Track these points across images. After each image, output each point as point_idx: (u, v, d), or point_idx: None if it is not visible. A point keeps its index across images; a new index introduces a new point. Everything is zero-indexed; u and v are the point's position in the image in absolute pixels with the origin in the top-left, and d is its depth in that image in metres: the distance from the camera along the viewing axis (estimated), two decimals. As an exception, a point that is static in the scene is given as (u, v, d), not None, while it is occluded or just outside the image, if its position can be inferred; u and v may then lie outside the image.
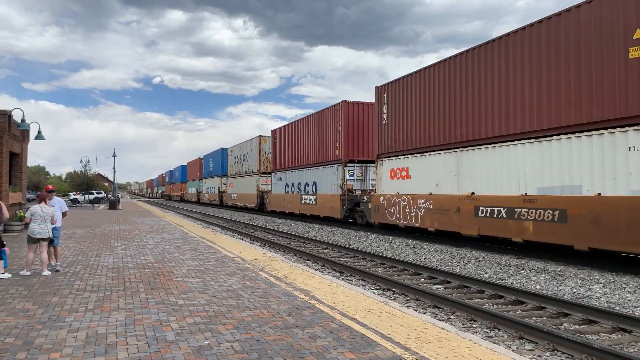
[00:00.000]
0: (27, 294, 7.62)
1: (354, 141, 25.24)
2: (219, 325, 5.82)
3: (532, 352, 6.12)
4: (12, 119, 19.67)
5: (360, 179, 25.07)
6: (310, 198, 28.71)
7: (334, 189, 25.59)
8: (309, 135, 29.65)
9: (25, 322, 5.98)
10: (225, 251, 12.70)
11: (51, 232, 9.60)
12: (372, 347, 5.04)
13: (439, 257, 14.08)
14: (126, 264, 10.52)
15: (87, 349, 4.94)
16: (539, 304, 8.31)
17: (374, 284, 10.48)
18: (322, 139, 27.63)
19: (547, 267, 12.07)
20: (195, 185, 68.48)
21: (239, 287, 8.10)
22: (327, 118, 27.11)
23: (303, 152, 30.46)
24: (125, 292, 7.67)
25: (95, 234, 17.57)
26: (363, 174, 25.30)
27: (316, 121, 28.81)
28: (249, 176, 42.00)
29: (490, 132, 15.06)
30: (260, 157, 39.61)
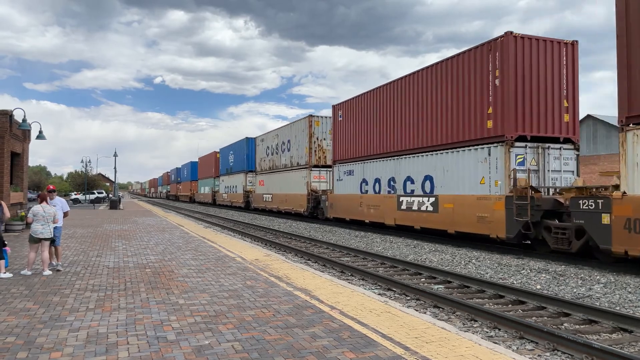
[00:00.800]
0: (28, 293, 7.63)
1: (523, 103, 14.90)
2: (219, 325, 5.83)
3: (532, 352, 6.12)
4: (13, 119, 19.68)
5: (535, 168, 14.98)
6: (420, 202, 18.24)
7: (482, 186, 15.53)
8: (418, 103, 19.00)
9: (27, 321, 5.99)
10: (226, 251, 12.71)
11: (52, 232, 9.61)
12: (372, 347, 5.04)
13: (439, 257, 14.08)
14: (127, 264, 10.54)
15: (88, 349, 4.96)
16: (540, 303, 8.31)
17: (374, 283, 10.48)
18: (451, 103, 17.17)
19: (548, 267, 12.07)
20: (210, 184, 59.16)
21: (240, 286, 8.11)
22: (464, 67, 16.59)
23: (404, 131, 19.90)
24: (126, 292, 7.68)
25: (97, 234, 17.59)
26: (539, 159, 15.15)
27: (434, 77, 18.12)
28: (292, 171, 32.36)
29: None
30: (310, 144, 29.91)
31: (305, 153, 30.42)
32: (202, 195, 63.96)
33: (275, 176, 36.01)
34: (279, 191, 34.68)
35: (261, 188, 39.35)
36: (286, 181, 33.29)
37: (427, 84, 18.60)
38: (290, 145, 33.08)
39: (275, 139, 36.59)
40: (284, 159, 34.31)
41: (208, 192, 59.90)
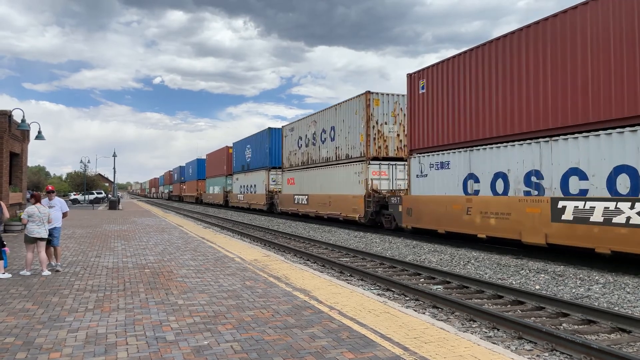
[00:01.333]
0: (27, 294, 7.63)
1: None
2: (218, 325, 5.83)
3: (531, 352, 6.13)
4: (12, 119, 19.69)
5: None
6: (611, 210, 11.21)
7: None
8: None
9: (26, 322, 5.99)
10: (225, 251, 12.71)
11: (48, 232, 9.61)
12: (371, 347, 5.05)
13: (438, 257, 14.09)
14: (126, 264, 10.54)
15: (87, 349, 4.96)
16: (539, 304, 8.32)
17: (373, 284, 10.49)
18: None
19: (547, 268, 12.08)
20: (220, 183, 52.79)
21: (239, 287, 8.12)
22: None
23: (564, 96, 12.56)
24: (125, 292, 7.68)
25: (96, 234, 17.59)
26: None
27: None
28: (339, 166, 25.36)
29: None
30: (368, 130, 22.80)
31: (360, 142, 23.34)
32: (211, 195, 57.56)
33: (311, 173, 28.86)
34: (318, 191, 27.55)
35: (291, 188, 32.28)
36: (330, 179, 26.33)
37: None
38: (335, 133, 25.99)
39: (311, 126, 29.21)
40: (326, 151, 27.33)
41: (218, 192, 53.23)
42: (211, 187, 57.79)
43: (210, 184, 58.47)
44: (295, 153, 32.07)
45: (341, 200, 24.64)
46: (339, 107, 25.73)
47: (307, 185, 29.59)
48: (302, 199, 29.85)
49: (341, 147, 25.54)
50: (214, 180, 56.84)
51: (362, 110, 23.15)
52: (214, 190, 55.93)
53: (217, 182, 54.52)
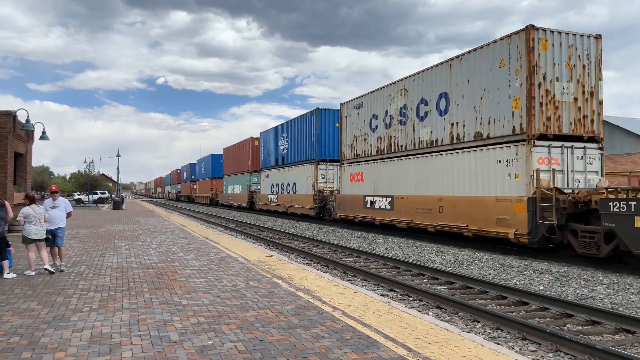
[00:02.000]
0: (31, 293, 7.66)
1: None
2: (222, 325, 5.84)
3: (535, 353, 6.12)
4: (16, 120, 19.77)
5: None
6: None
7: None
8: None
9: (30, 321, 6.02)
10: (229, 251, 12.73)
11: (46, 232, 9.65)
12: (375, 348, 5.05)
13: (442, 257, 14.08)
14: (130, 264, 10.57)
15: (91, 349, 4.98)
16: (543, 304, 8.31)
17: (377, 284, 10.48)
18: None
19: (551, 268, 12.05)
20: (243, 182, 44.33)
21: (243, 287, 8.13)
22: None
23: None
24: (129, 292, 7.70)
25: (99, 234, 17.64)
26: None
27: None
28: (464, 151, 16.37)
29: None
30: (531, 91, 13.81)
31: (510, 111, 14.48)
32: (230, 196, 49.18)
33: (398, 165, 20.16)
34: (412, 191, 18.94)
35: (356, 186, 23.65)
36: (438, 172, 17.43)
37: None
38: (449, 102, 16.99)
39: (397, 98, 20.24)
40: (428, 131, 18.22)
41: (241, 192, 45.05)
42: (231, 186, 49.55)
43: (230, 182, 50.01)
44: (365, 138, 22.94)
45: (472, 205, 15.56)
46: (462, 61, 16.43)
47: (388, 183, 20.77)
48: (381, 202, 21.08)
49: (464, 123, 16.15)
50: (234, 178, 48.18)
51: (516, 58, 14.29)
52: (234, 189, 47.74)
53: (239, 180, 46.05)
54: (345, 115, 25.38)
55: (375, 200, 21.76)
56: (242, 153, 45.29)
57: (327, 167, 28.83)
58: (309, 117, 30.11)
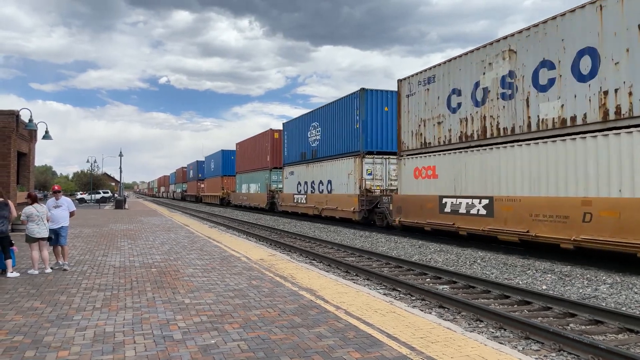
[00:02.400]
0: (35, 292, 7.68)
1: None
2: (225, 324, 5.85)
3: (538, 352, 6.11)
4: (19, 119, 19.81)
5: None
6: None
7: None
8: None
9: (34, 320, 6.03)
10: (231, 251, 12.74)
11: (49, 231, 9.67)
12: (378, 347, 5.05)
13: (444, 257, 14.06)
14: (133, 263, 10.58)
15: (95, 347, 4.99)
16: (545, 304, 8.29)
17: (379, 283, 10.48)
18: None
19: (554, 268, 12.03)
20: (261, 180, 39.63)
21: (245, 286, 8.13)
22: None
23: None
24: (132, 291, 7.72)
25: (102, 233, 17.67)
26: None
27: None
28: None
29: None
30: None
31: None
32: (245, 196, 44.11)
33: (498, 156, 15.07)
34: (526, 192, 13.98)
35: (426, 184, 18.50)
36: (593, 164, 12.06)
37: None
38: (598, 60, 12.09)
39: (497, 64, 15.20)
40: (555, 105, 13.23)
41: (259, 191, 39.99)
42: (245, 185, 44.82)
43: (244, 180, 45.06)
44: (440, 122, 17.84)
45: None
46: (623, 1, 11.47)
47: (482, 180, 15.68)
48: (470, 205, 15.94)
49: (631, 88, 11.30)
50: (249, 175, 43.26)
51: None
52: (250, 188, 42.75)
53: (255, 178, 41.31)
54: (407, 93, 19.78)
55: (460, 203, 16.46)
56: (260, 148, 40.03)
57: (374, 161, 23.90)
58: (350, 100, 24.94)
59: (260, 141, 40.63)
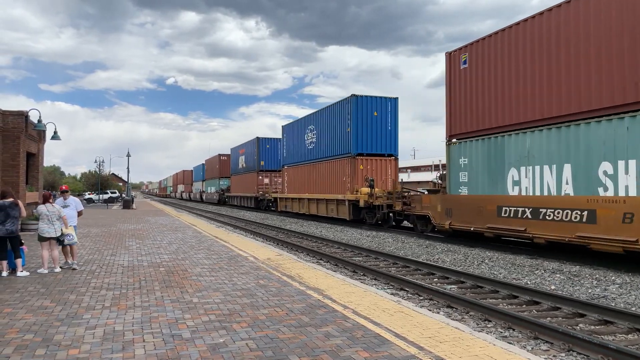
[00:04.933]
0: (44, 291, 7.74)
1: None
2: (233, 324, 5.87)
3: (547, 353, 6.08)
4: (29, 120, 19.96)
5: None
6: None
7: None
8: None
9: (44, 319, 6.08)
10: (239, 250, 12.77)
11: (59, 231, 9.73)
12: (386, 346, 5.04)
13: (452, 257, 14.02)
14: (141, 263, 10.64)
15: (104, 346, 5.02)
16: (554, 304, 8.24)
17: (387, 283, 10.47)
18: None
19: (562, 268, 11.96)
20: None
21: (253, 285, 8.15)
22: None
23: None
24: (141, 290, 7.76)
25: (111, 233, 17.77)
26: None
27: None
28: None
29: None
30: None
31: None
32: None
33: None
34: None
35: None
36: None
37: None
38: None
39: None
40: None
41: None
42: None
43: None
44: None
45: None
46: None
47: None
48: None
49: None
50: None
51: None
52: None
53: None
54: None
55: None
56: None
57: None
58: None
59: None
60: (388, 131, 25.35)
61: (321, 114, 28.95)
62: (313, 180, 29.74)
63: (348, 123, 25.18)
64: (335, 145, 26.87)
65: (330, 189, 27.02)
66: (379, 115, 25.19)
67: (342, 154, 25.84)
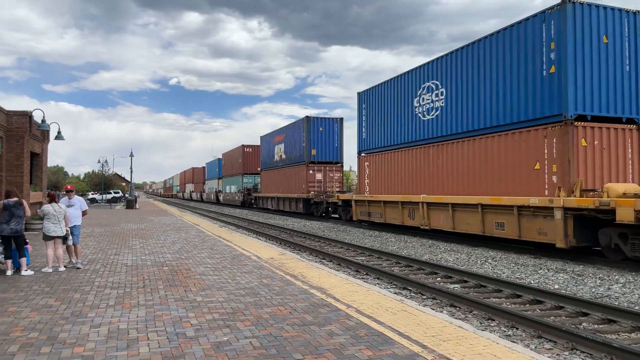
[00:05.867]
0: (49, 290, 7.78)
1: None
2: (237, 322, 5.89)
3: (550, 351, 6.08)
4: (32, 120, 20.05)
5: None
6: None
7: None
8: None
9: (49, 317, 6.11)
10: (242, 250, 12.79)
11: (64, 230, 9.79)
12: (389, 345, 5.05)
13: (455, 256, 14.01)
14: (145, 262, 10.67)
15: (109, 344, 5.05)
16: (558, 303, 8.24)
17: (390, 282, 10.47)
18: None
19: (566, 267, 11.94)
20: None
21: (256, 284, 8.17)
22: None
23: None
24: (145, 289, 7.79)
25: (114, 233, 17.83)
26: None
27: None
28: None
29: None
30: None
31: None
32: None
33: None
34: None
35: None
36: None
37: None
38: None
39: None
40: None
41: None
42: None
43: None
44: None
45: None
46: None
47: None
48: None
49: None
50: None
51: None
52: None
53: None
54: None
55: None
56: None
57: None
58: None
59: None
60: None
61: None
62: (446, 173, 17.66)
63: None
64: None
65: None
66: None
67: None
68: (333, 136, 32.59)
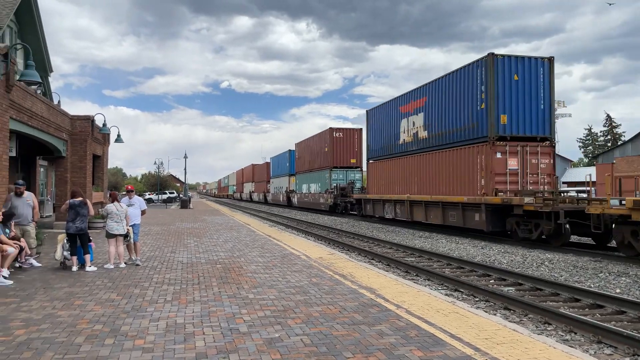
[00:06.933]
0: (111, 285, 8.19)
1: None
2: (288, 319, 5.99)
3: (611, 357, 5.83)
4: (94, 124, 21.13)
5: None
6: None
7: None
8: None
9: (111, 311, 6.44)
10: (291, 249, 12.97)
11: (126, 229, 10.26)
12: (440, 346, 5.00)
13: (509, 258, 13.62)
14: (199, 260, 11.02)
15: (167, 337, 5.27)
16: (620, 308, 7.87)
17: (440, 284, 10.32)
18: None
19: (628, 271, 11.36)
20: None
21: (306, 283, 8.27)
22: None
23: None
24: (200, 286, 8.06)
25: (170, 231, 18.49)
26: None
27: None
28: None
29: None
30: None
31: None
32: None
33: None
34: None
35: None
36: None
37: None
38: None
39: None
40: None
41: None
42: None
43: None
44: None
45: None
46: None
47: None
48: None
49: None
50: None
51: None
52: None
53: None
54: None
55: None
56: None
57: None
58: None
59: None
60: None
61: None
62: None
63: None
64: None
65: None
66: None
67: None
68: (538, 90, 18.50)
